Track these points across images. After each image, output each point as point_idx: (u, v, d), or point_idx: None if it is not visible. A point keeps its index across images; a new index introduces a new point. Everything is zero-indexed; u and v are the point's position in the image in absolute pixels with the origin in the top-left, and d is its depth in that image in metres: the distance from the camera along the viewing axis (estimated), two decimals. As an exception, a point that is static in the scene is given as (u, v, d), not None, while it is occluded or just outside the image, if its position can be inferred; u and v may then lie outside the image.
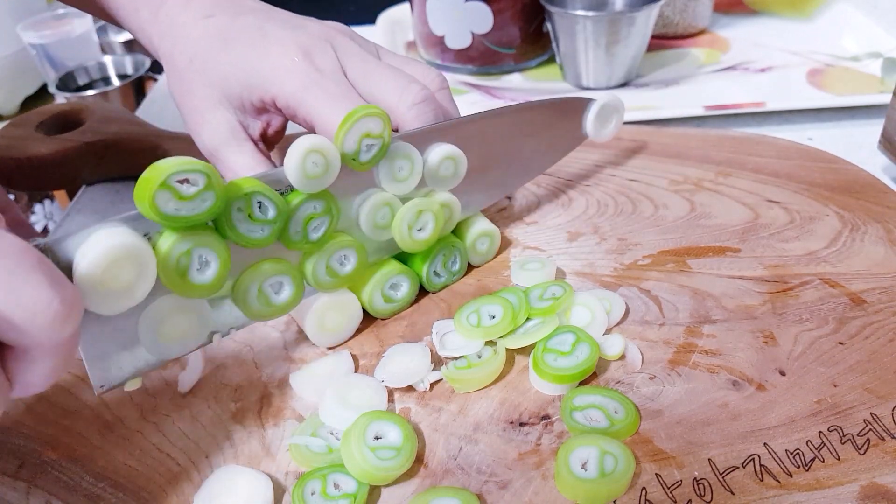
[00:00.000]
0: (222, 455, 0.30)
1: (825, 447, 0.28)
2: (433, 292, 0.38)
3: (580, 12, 0.59)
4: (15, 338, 0.21)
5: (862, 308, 0.34)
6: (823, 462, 0.27)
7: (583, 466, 0.27)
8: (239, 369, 0.34)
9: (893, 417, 0.29)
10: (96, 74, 1.14)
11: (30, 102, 0.70)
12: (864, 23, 0.68)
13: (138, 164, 0.54)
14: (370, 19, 0.79)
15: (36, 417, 0.33)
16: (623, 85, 0.63)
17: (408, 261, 0.38)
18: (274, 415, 0.32)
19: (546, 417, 0.31)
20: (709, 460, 0.28)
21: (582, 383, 0.32)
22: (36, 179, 0.53)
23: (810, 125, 0.55)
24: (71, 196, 0.58)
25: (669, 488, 0.27)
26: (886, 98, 0.53)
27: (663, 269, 0.38)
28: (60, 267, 0.23)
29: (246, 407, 0.32)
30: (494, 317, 0.34)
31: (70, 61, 0.85)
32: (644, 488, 0.27)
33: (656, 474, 0.28)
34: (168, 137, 0.53)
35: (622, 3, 0.64)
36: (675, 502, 0.27)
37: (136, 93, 1.12)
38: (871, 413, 0.29)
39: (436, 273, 0.38)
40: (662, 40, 0.71)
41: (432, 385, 0.32)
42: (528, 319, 0.35)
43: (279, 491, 0.28)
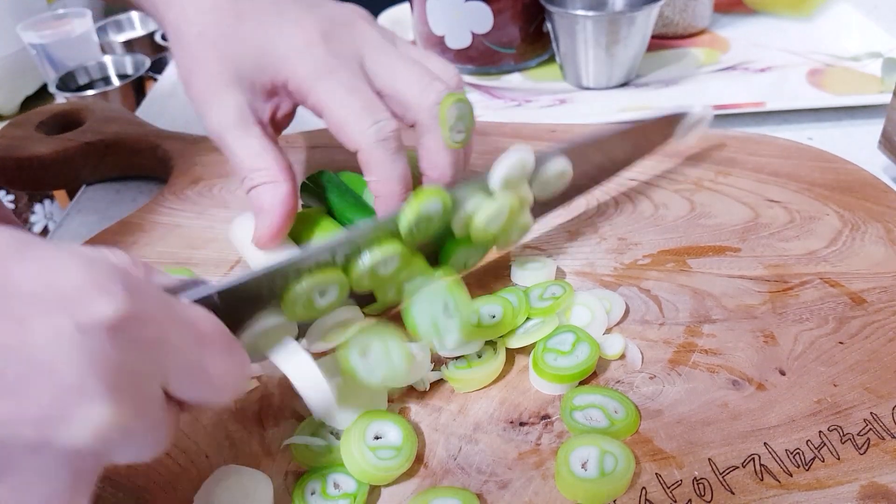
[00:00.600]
0: (222, 455, 0.30)
1: (825, 447, 0.28)
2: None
3: (580, 12, 0.59)
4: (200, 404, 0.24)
5: (862, 307, 0.34)
6: (823, 462, 0.27)
7: (583, 466, 0.27)
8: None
9: (893, 417, 0.29)
10: (96, 74, 1.15)
11: (30, 102, 0.70)
12: (864, 23, 0.68)
13: (138, 164, 0.54)
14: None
15: (36, 417, 0.32)
16: (623, 85, 0.63)
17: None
18: (274, 415, 0.32)
19: (546, 417, 0.31)
20: (709, 460, 0.28)
21: (582, 383, 0.32)
22: (36, 179, 0.53)
23: (810, 125, 0.55)
24: (71, 196, 0.58)
25: (669, 488, 0.27)
26: (886, 98, 0.53)
27: (663, 269, 0.38)
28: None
29: (246, 407, 0.32)
30: (494, 317, 0.34)
31: (70, 61, 0.85)
32: (644, 488, 0.27)
33: (656, 474, 0.28)
34: (168, 137, 0.54)
35: (622, 3, 0.64)
36: (676, 502, 0.27)
37: (136, 93, 1.13)
38: (872, 412, 0.29)
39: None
40: (662, 40, 0.71)
41: (432, 385, 0.32)
42: (528, 319, 0.35)
43: (279, 491, 0.28)
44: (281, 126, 0.38)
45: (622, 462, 0.27)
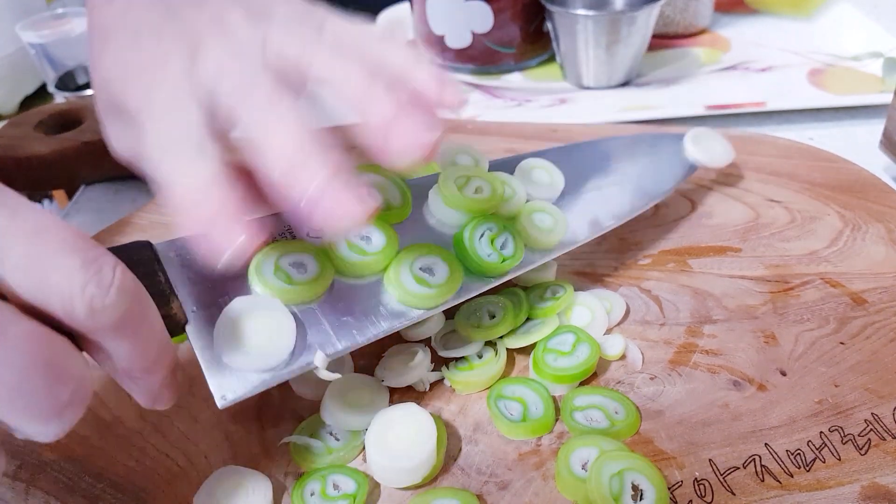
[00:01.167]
0: (221, 456, 0.30)
1: (826, 447, 0.28)
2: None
3: (581, 11, 0.59)
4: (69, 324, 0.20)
5: (863, 308, 0.34)
6: (824, 462, 0.27)
7: (583, 467, 0.27)
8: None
9: (894, 417, 0.29)
10: (96, 74, 1.14)
11: (29, 102, 0.70)
12: (865, 22, 0.68)
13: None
14: (370, 19, 0.79)
15: (35, 417, 0.32)
16: (624, 84, 0.63)
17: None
18: (273, 415, 0.32)
19: (546, 418, 0.30)
20: (709, 461, 0.28)
21: (582, 383, 0.32)
22: (35, 179, 0.53)
23: (811, 125, 0.55)
24: (70, 196, 0.58)
25: (670, 489, 0.27)
26: (887, 98, 0.52)
27: (664, 269, 0.38)
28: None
29: (245, 407, 0.32)
30: (494, 317, 0.34)
31: (69, 61, 0.85)
32: (645, 489, 0.27)
33: (657, 475, 0.27)
34: (167, 137, 0.53)
35: (623, 3, 0.64)
36: (676, 503, 0.26)
37: (136, 92, 1.12)
38: (872, 413, 0.29)
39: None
40: (663, 40, 0.71)
41: (432, 385, 0.32)
42: (528, 319, 0.34)
43: (278, 492, 0.28)
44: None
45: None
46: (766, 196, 0.43)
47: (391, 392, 0.32)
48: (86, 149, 0.52)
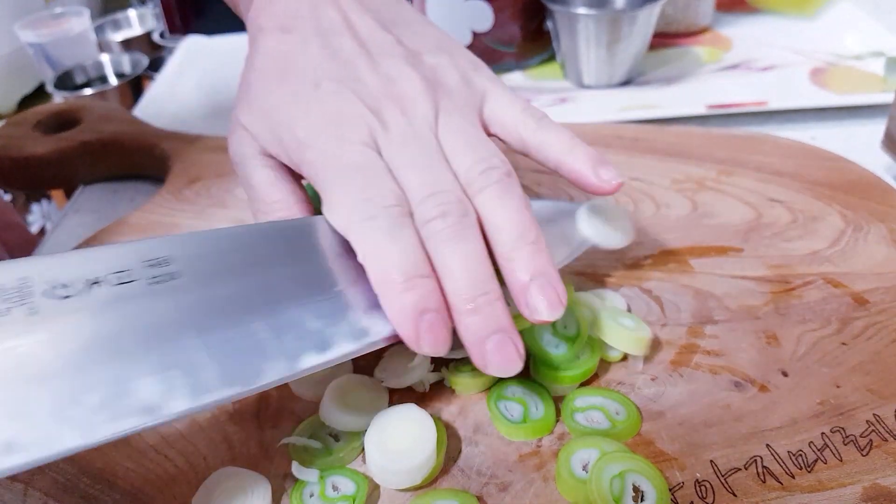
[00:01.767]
0: (220, 457, 0.30)
1: (828, 448, 0.28)
2: None
3: (581, 10, 0.59)
4: None
5: (865, 308, 0.34)
6: (826, 463, 0.27)
7: (584, 468, 0.27)
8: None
9: (897, 419, 0.29)
10: (94, 73, 1.14)
11: (27, 101, 0.70)
12: (867, 22, 0.68)
13: (136, 164, 0.54)
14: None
15: (32, 418, 0.32)
16: (625, 83, 0.63)
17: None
18: (272, 416, 0.32)
19: (547, 419, 0.30)
20: (711, 462, 0.28)
21: (583, 384, 0.32)
22: (33, 179, 0.53)
23: (813, 124, 0.55)
24: (68, 195, 0.58)
25: (671, 490, 0.27)
26: (889, 97, 0.52)
27: (665, 269, 0.38)
28: None
29: (244, 408, 0.32)
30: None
31: (68, 60, 0.85)
32: (646, 490, 0.27)
33: (658, 476, 0.27)
34: (165, 137, 0.53)
35: (623, 2, 0.64)
36: (678, 505, 0.26)
37: (134, 92, 1.13)
38: (874, 414, 0.29)
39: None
40: (664, 38, 0.71)
41: (432, 386, 0.32)
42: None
43: (277, 493, 0.28)
44: None
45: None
46: (768, 196, 0.43)
47: (391, 393, 0.32)
48: (84, 149, 0.52)
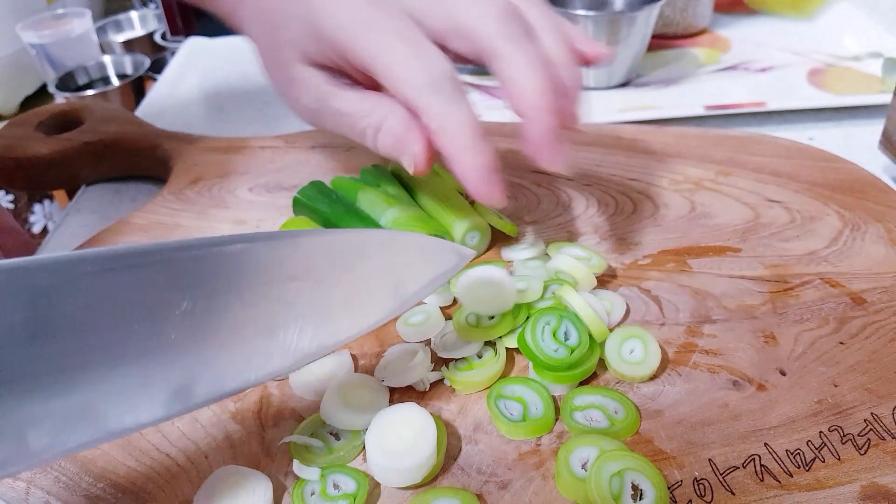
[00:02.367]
0: (222, 455, 0.30)
1: (826, 447, 0.28)
2: None
3: (580, 12, 0.59)
4: None
5: (862, 308, 0.34)
6: (824, 462, 0.27)
7: (583, 466, 0.27)
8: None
9: (894, 417, 0.29)
10: (96, 74, 1.15)
11: (29, 102, 0.70)
12: (865, 22, 0.68)
13: (138, 164, 0.54)
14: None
15: (35, 417, 0.32)
16: (623, 84, 0.63)
17: None
18: (274, 415, 0.32)
19: (546, 417, 0.30)
20: (709, 460, 0.28)
21: (582, 383, 0.32)
22: (35, 179, 0.53)
23: (811, 125, 0.55)
24: (70, 196, 0.58)
25: (670, 488, 0.27)
26: (887, 98, 0.52)
27: (664, 269, 0.38)
28: None
29: (245, 407, 0.32)
30: (493, 317, 0.34)
31: (69, 61, 0.85)
32: (644, 488, 0.27)
33: (657, 474, 0.28)
34: (167, 137, 0.53)
35: (622, 3, 0.64)
36: (676, 502, 0.27)
37: (136, 92, 1.13)
38: (872, 413, 0.29)
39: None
40: (663, 40, 0.71)
41: (432, 385, 0.32)
42: (528, 318, 0.34)
43: (279, 491, 0.28)
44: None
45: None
46: (766, 196, 0.43)
47: (391, 392, 0.32)
48: (86, 149, 0.52)
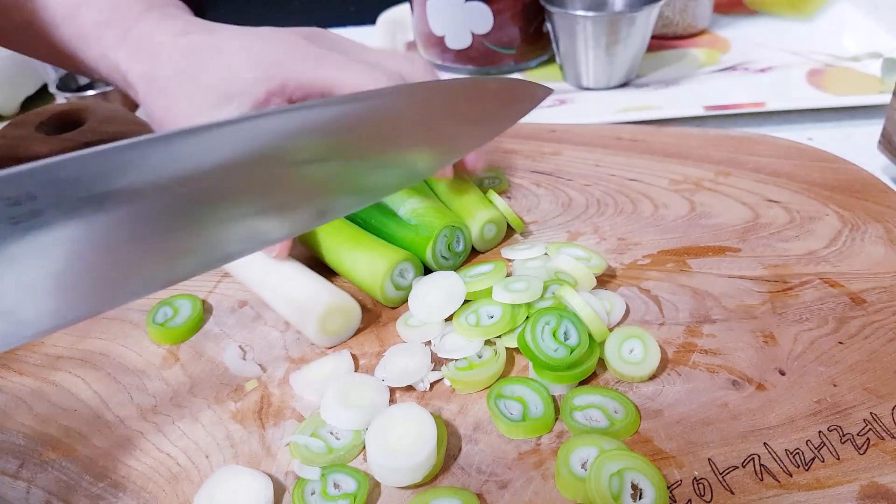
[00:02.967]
0: (222, 455, 0.30)
1: (825, 447, 0.28)
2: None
3: (580, 12, 0.59)
4: None
5: (862, 308, 0.34)
6: (823, 462, 0.27)
7: (583, 466, 0.27)
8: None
9: (893, 417, 0.29)
10: (96, 75, 1.15)
11: (30, 102, 0.70)
12: (864, 23, 0.68)
13: (138, 165, 0.54)
14: (370, 19, 0.79)
15: (36, 417, 0.33)
16: (623, 85, 0.63)
17: (411, 245, 0.38)
18: (274, 415, 0.32)
19: (546, 417, 0.30)
20: (709, 460, 0.28)
21: (582, 383, 0.32)
22: (36, 179, 0.53)
23: (810, 125, 0.55)
24: (71, 196, 0.58)
25: (669, 488, 0.27)
26: (886, 98, 0.53)
27: (663, 269, 0.38)
28: None
29: (246, 407, 0.32)
30: (493, 317, 0.34)
31: (70, 62, 0.84)
32: (644, 488, 0.27)
33: (656, 474, 0.28)
34: (168, 137, 0.53)
35: (622, 4, 0.64)
36: (675, 502, 0.27)
37: (137, 93, 1.12)
38: (871, 413, 0.29)
39: (444, 257, 0.38)
40: (662, 40, 0.71)
41: (432, 385, 0.33)
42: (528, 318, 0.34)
43: (279, 491, 0.28)
44: None
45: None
46: (765, 196, 0.43)
47: (391, 391, 0.32)
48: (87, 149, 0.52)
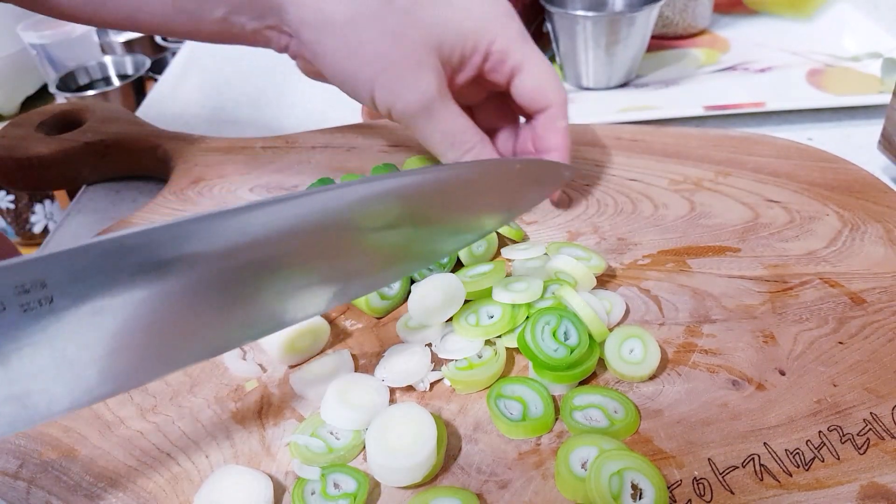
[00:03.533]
0: (222, 455, 0.30)
1: (825, 447, 0.28)
2: None
3: (580, 12, 0.59)
4: None
5: (862, 308, 0.34)
6: (823, 462, 0.27)
7: (583, 466, 0.27)
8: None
9: (893, 417, 0.29)
10: (97, 74, 1.15)
11: (30, 102, 0.70)
12: (864, 23, 0.68)
13: (138, 164, 0.54)
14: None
15: (36, 417, 0.33)
16: (623, 85, 0.63)
17: None
18: (274, 415, 0.32)
19: (546, 417, 0.30)
20: (708, 460, 0.28)
21: (582, 383, 0.32)
22: (36, 179, 0.53)
23: (810, 125, 0.55)
24: (71, 196, 0.58)
25: (669, 488, 0.27)
26: (886, 98, 0.53)
27: (663, 269, 0.38)
28: None
29: (246, 407, 0.32)
30: (493, 317, 0.34)
31: (70, 61, 0.85)
32: (644, 488, 0.27)
33: (656, 474, 0.28)
34: (168, 137, 0.54)
35: (622, 4, 0.64)
36: (675, 502, 0.27)
37: (137, 93, 1.13)
38: (871, 413, 0.29)
39: (428, 269, 0.38)
40: (662, 40, 0.71)
41: (432, 385, 0.33)
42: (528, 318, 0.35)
43: (279, 491, 0.28)
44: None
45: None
46: (765, 196, 0.43)
47: (391, 391, 0.32)
48: (87, 149, 0.53)
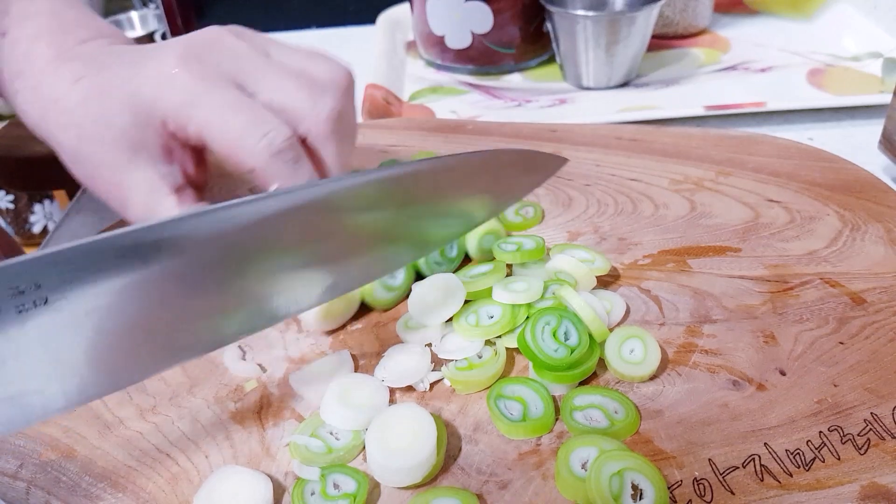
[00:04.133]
0: (222, 455, 0.30)
1: (825, 447, 0.28)
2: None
3: (580, 12, 0.59)
4: None
5: (862, 308, 0.34)
6: (824, 462, 0.27)
7: (583, 466, 0.27)
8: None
9: (894, 417, 0.29)
10: (96, 74, 1.15)
11: (30, 102, 0.70)
12: (865, 23, 0.68)
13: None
14: (370, 19, 0.79)
15: (35, 417, 0.32)
16: (623, 85, 0.63)
17: None
18: (274, 415, 0.32)
19: (546, 417, 0.30)
20: (709, 460, 0.28)
21: (582, 383, 0.32)
22: (36, 179, 0.53)
23: (810, 125, 0.55)
24: (71, 196, 0.58)
25: (670, 488, 0.27)
26: (887, 98, 0.53)
27: (663, 269, 0.38)
28: None
29: (246, 407, 0.32)
30: (493, 317, 0.34)
31: (70, 61, 0.84)
32: (644, 488, 0.27)
33: (656, 474, 0.28)
34: (168, 137, 0.53)
35: (622, 3, 0.64)
36: (676, 502, 0.27)
37: (136, 93, 1.12)
38: (872, 413, 0.29)
39: (437, 262, 0.38)
40: (663, 40, 0.71)
41: (432, 385, 0.32)
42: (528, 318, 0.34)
43: (279, 491, 0.28)
44: (199, 183, 0.36)
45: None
46: (766, 196, 0.43)
47: (391, 392, 0.32)
48: (86, 149, 0.52)
